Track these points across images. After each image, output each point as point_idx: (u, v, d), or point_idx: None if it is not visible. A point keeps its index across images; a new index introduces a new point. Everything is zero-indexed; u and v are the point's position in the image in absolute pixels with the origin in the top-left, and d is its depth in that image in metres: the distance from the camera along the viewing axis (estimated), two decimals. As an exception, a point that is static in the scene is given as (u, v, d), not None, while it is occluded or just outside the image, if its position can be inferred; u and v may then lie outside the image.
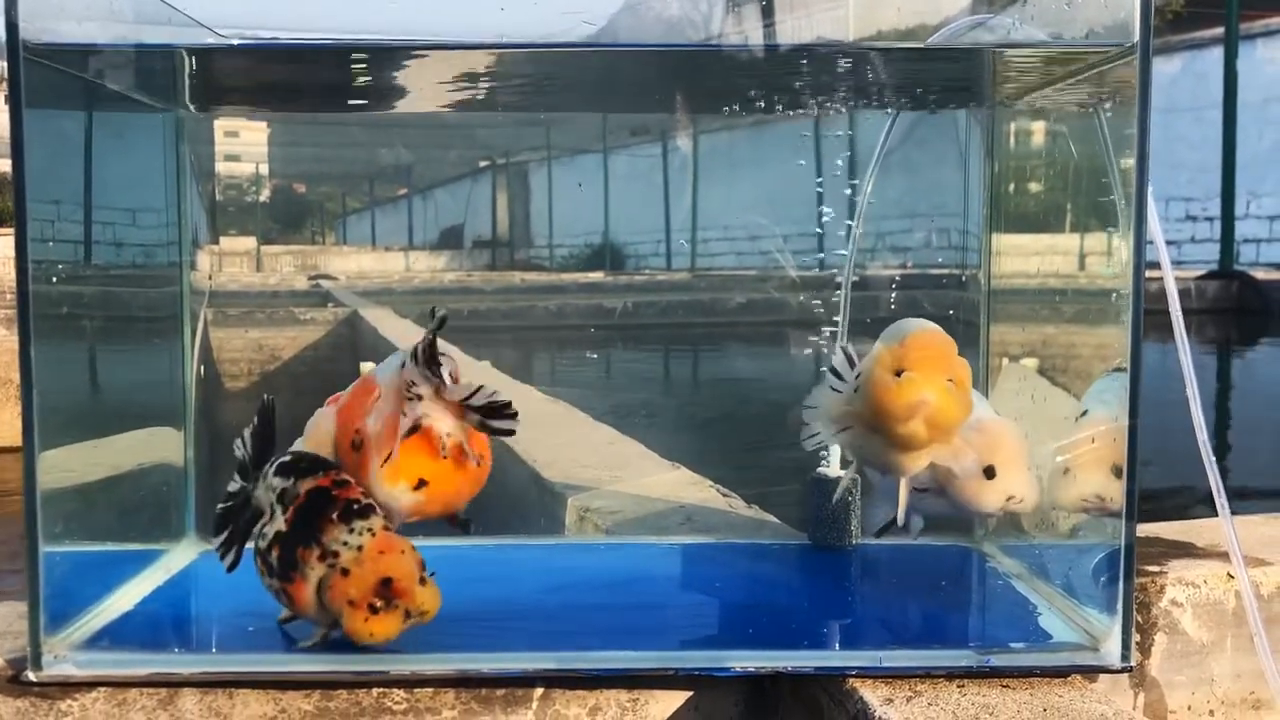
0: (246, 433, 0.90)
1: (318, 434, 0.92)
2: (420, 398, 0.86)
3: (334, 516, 0.83)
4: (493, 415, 0.86)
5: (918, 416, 0.85)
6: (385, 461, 0.86)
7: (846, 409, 0.91)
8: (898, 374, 0.86)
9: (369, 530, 0.82)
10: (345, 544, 0.82)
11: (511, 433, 0.86)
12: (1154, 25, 0.83)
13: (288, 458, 0.88)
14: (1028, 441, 0.96)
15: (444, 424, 0.86)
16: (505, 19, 0.94)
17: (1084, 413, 0.94)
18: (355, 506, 0.83)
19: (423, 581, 0.82)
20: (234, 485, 0.90)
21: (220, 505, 0.90)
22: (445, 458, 0.86)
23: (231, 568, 0.90)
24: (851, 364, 0.98)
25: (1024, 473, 0.93)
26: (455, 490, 0.88)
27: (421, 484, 0.86)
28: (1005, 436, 0.94)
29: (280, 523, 0.84)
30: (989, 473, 0.92)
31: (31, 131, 0.80)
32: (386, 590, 0.80)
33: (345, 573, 0.81)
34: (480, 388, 0.86)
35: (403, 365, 0.88)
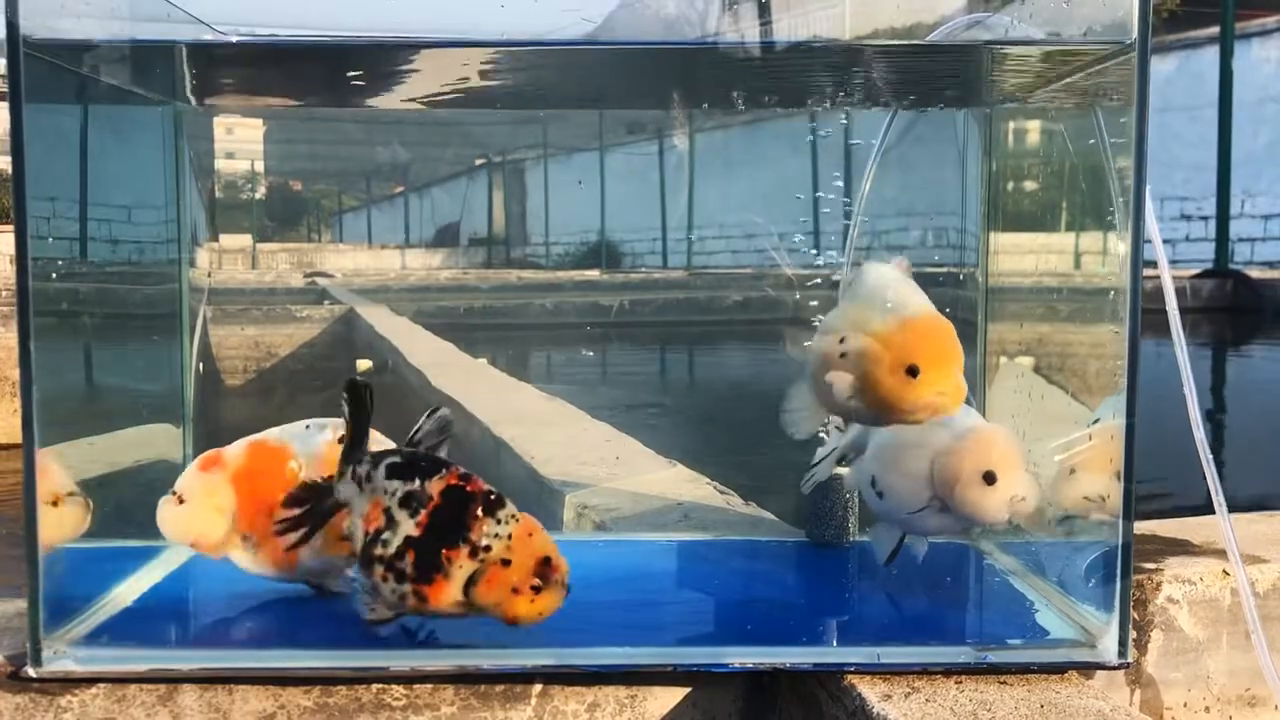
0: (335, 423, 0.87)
1: (206, 503, 0.90)
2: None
3: (478, 512, 0.82)
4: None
5: (932, 411, 0.87)
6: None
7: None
8: (909, 370, 0.86)
9: (512, 518, 0.83)
10: (496, 536, 0.82)
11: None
12: (1152, 24, 0.84)
13: (399, 459, 0.85)
14: (1021, 443, 0.96)
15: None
16: (505, 16, 0.94)
17: (1095, 420, 0.94)
18: (492, 497, 0.83)
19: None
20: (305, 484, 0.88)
21: (292, 490, 0.87)
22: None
23: (291, 547, 0.87)
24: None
25: (1023, 473, 0.93)
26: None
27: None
28: (998, 440, 0.94)
29: (410, 527, 0.82)
30: (989, 478, 0.91)
31: (31, 127, 0.80)
32: (545, 569, 0.82)
33: (506, 563, 0.82)
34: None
35: (341, 440, 0.88)
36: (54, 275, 0.88)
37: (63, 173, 0.92)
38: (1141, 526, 1.14)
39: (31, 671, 0.82)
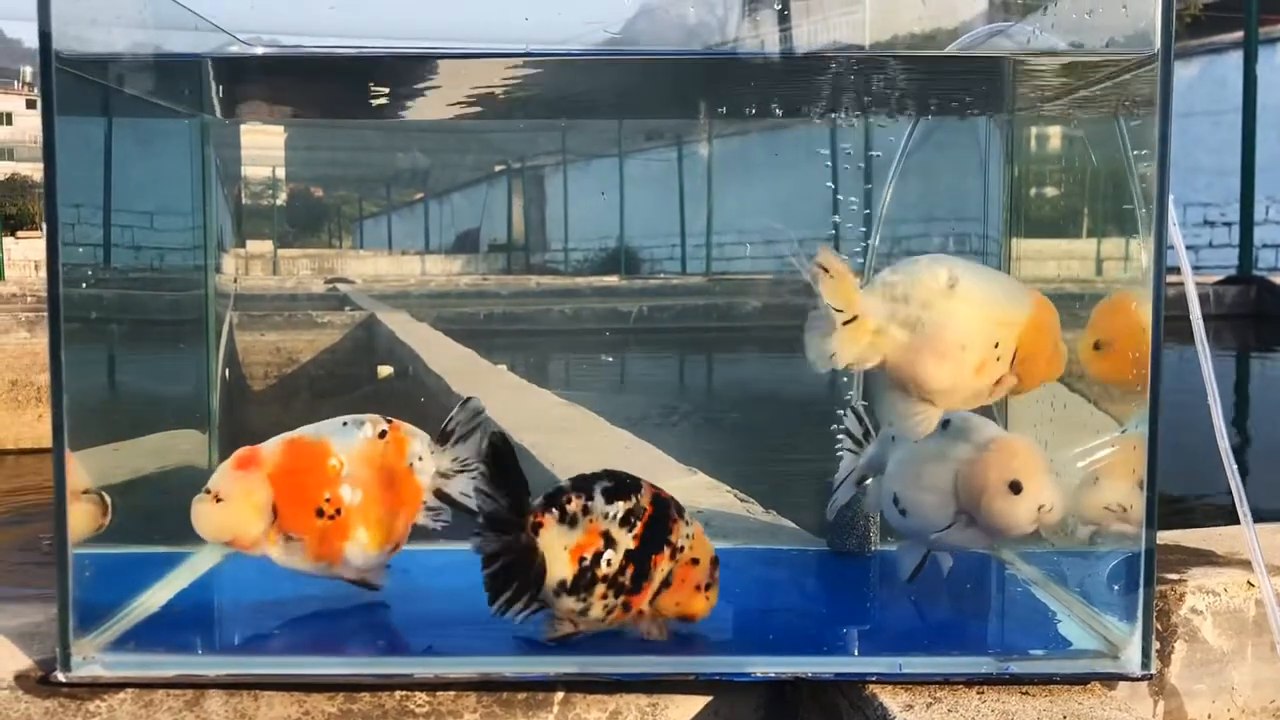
0: (483, 486, 0.84)
1: (245, 501, 0.90)
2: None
3: (675, 515, 0.88)
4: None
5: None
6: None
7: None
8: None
9: (691, 520, 0.90)
10: (688, 536, 0.88)
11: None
12: (1174, 32, 0.83)
13: (609, 483, 0.87)
14: (1044, 452, 0.96)
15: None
16: (528, 27, 0.94)
17: (1123, 430, 0.94)
18: (676, 501, 0.89)
19: None
20: (494, 544, 0.84)
21: (491, 568, 0.84)
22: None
23: (517, 618, 0.85)
24: (863, 425, 1.00)
25: (1049, 482, 0.92)
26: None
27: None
28: (1023, 450, 0.93)
29: (629, 542, 0.86)
30: (1015, 488, 0.90)
31: (62, 138, 0.82)
32: (715, 568, 0.90)
33: (695, 562, 0.88)
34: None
35: (381, 435, 0.94)
36: (84, 283, 0.89)
37: (92, 182, 0.93)
38: (1164, 536, 1.13)
39: (60, 676, 0.83)
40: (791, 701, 0.89)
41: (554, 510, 0.86)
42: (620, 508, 0.86)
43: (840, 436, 1.15)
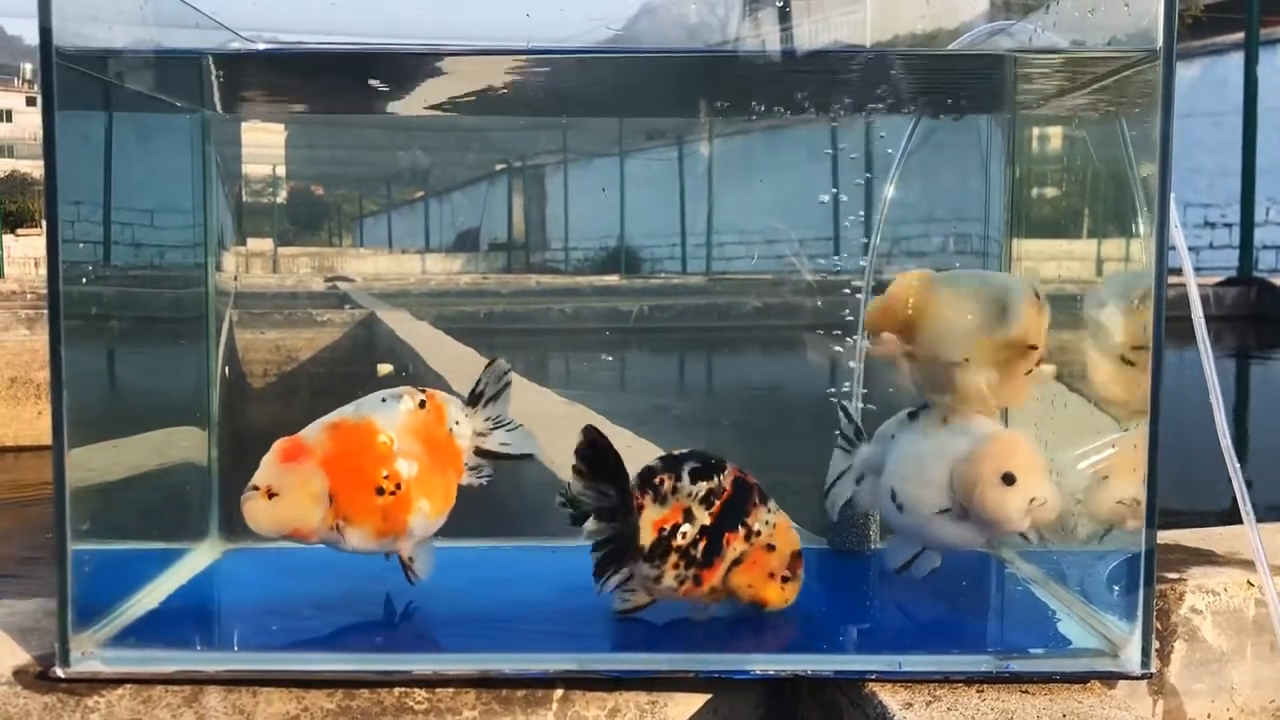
0: (583, 484, 0.89)
1: (303, 492, 0.89)
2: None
3: (755, 500, 0.92)
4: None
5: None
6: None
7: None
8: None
9: (776, 509, 0.93)
10: (767, 523, 0.92)
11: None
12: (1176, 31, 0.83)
13: (697, 464, 0.92)
14: (1042, 450, 0.96)
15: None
16: (530, 24, 0.94)
17: (1126, 429, 0.94)
18: (762, 489, 0.93)
19: None
20: (603, 531, 0.90)
21: (597, 547, 0.90)
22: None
23: (609, 591, 0.92)
24: (853, 424, 1.03)
25: (1044, 477, 0.92)
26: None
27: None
28: (1018, 444, 0.94)
29: (705, 518, 0.90)
30: (1008, 479, 0.91)
31: (62, 135, 0.81)
32: (796, 561, 0.93)
33: (771, 548, 0.91)
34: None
35: (421, 405, 0.95)
36: (83, 280, 0.89)
37: (92, 179, 0.93)
38: (1164, 536, 1.13)
39: (59, 672, 0.83)
40: (791, 699, 0.89)
41: (649, 491, 0.91)
42: (703, 487, 0.91)
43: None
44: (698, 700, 0.86)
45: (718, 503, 0.91)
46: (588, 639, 0.91)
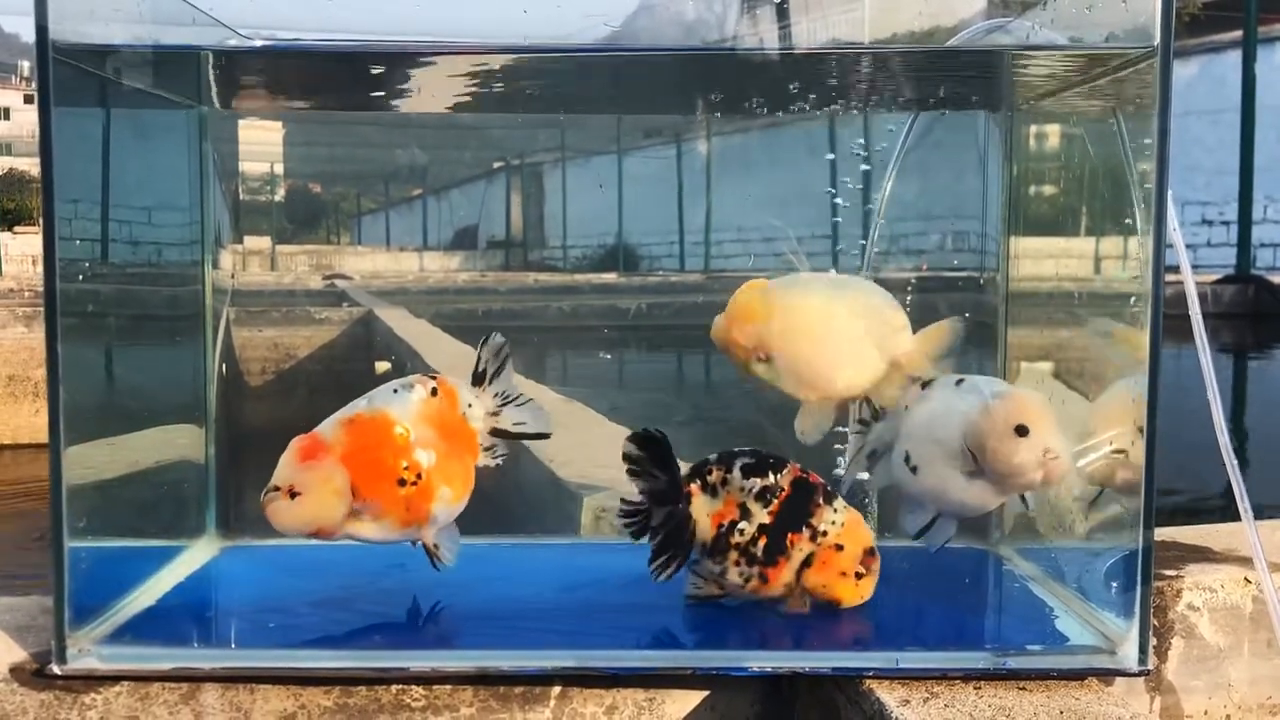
0: (642, 468, 0.93)
1: (325, 489, 0.89)
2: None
3: (820, 500, 0.93)
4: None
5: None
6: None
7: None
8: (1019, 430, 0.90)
9: (845, 508, 0.93)
10: (833, 523, 0.92)
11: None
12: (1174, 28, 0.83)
13: (750, 460, 0.93)
14: (1053, 407, 0.95)
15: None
16: (527, 21, 0.94)
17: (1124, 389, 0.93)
18: (828, 489, 0.93)
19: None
20: (658, 516, 0.93)
21: (652, 535, 0.94)
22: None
23: (667, 579, 0.94)
24: (871, 407, 1.03)
25: (1056, 429, 0.92)
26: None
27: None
28: (1031, 399, 0.94)
29: (764, 516, 0.92)
30: (1020, 431, 0.90)
31: (59, 131, 0.81)
32: (869, 558, 0.93)
33: (840, 548, 0.92)
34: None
35: (433, 393, 0.95)
36: (80, 277, 0.89)
37: (89, 176, 0.93)
38: (1162, 533, 1.13)
39: (56, 669, 0.83)
40: (788, 696, 0.89)
41: (698, 480, 0.94)
42: (756, 483, 0.92)
43: (841, 428, 1.15)
44: (695, 697, 0.86)
45: (775, 501, 0.92)
46: (585, 636, 0.91)
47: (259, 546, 1.13)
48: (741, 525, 0.92)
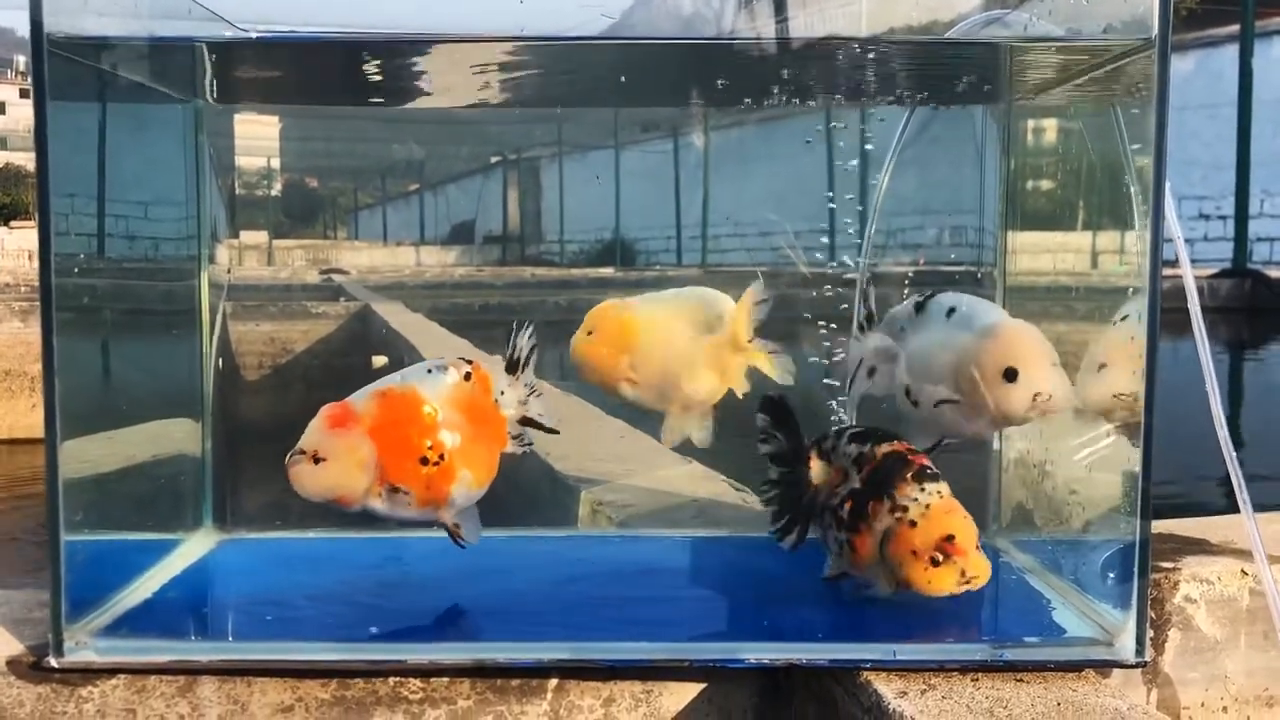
0: (766, 426, 0.97)
1: (350, 459, 0.89)
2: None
3: (908, 475, 0.90)
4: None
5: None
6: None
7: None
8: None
9: (938, 493, 0.90)
10: (915, 500, 0.89)
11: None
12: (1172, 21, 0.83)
13: (859, 429, 0.95)
14: (1048, 343, 0.94)
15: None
16: (524, 12, 0.94)
17: (1124, 316, 0.93)
18: (927, 471, 0.91)
19: (979, 548, 0.88)
20: (774, 474, 0.98)
21: (769, 496, 0.97)
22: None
23: (793, 547, 0.97)
24: (866, 307, 1.05)
25: (1049, 369, 0.91)
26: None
27: None
28: (1023, 337, 0.93)
29: (855, 481, 0.92)
30: (1009, 375, 0.90)
31: (54, 125, 0.81)
32: (948, 545, 0.87)
33: (913, 525, 0.88)
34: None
35: (466, 377, 0.96)
36: (76, 271, 0.89)
37: (84, 170, 0.93)
38: (1159, 525, 1.13)
39: (53, 662, 0.83)
40: (786, 688, 0.89)
41: (816, 446, 0.96)
42: (855, 449, 0.93)
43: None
44: (693, 689, 0.86)
45: (866, 468, 0.91)
46: (583, 628, 0.91)
47: (255, 539, 1.13)
48: (839, 489, 0.93)
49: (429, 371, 0.94)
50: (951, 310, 0.97)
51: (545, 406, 1.00)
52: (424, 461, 0.91)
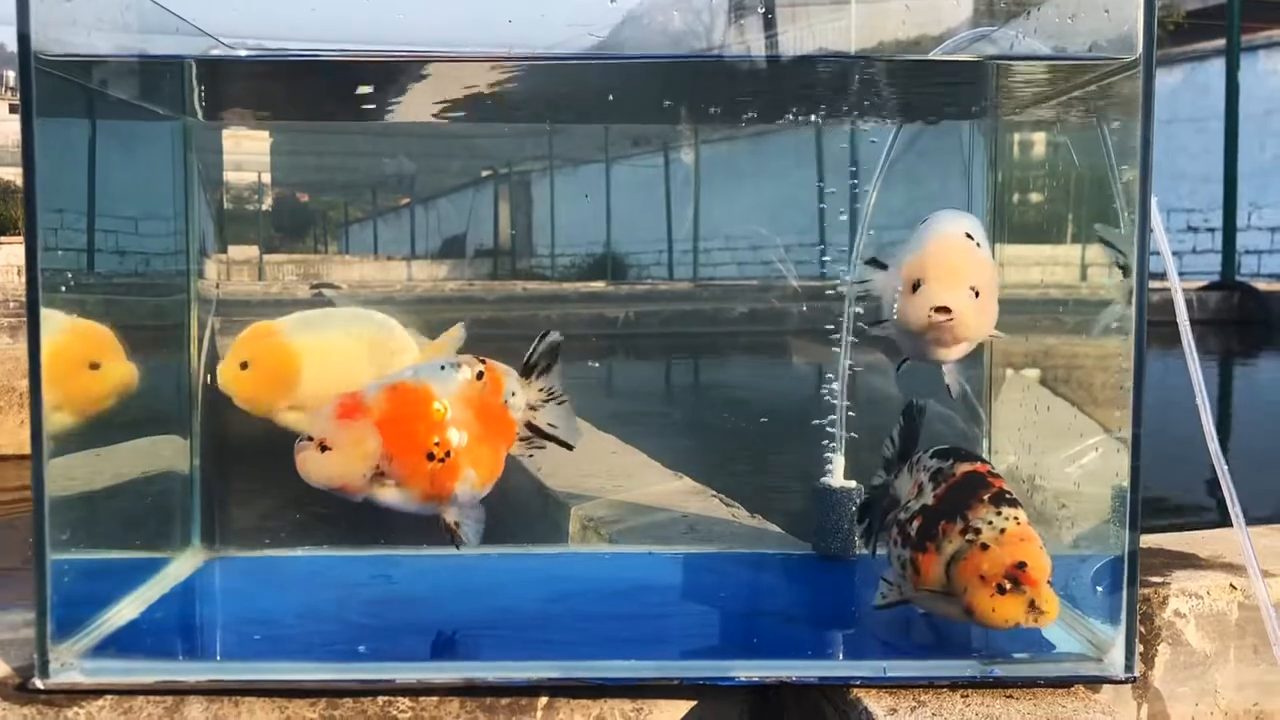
0: (894, 432, 0.97)
1: (356, 450, 0.90)
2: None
3: (985, 497, 0.86)
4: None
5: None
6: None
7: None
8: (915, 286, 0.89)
9: (1015, 519, 0.85)
10: (990, 523, 0.85)
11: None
12: (1156, 38, 0.84)
13: (944, 447, 0.93)
14: (978, 265, 0.93)
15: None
16: (511, 31, 0.94)
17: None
18: (1006, 495, 0.87)
19: (1049, 583, 0.84)
20: (878, 480, 0.98)
21: (864, 497, 0.98)
22: None
23: (867, 548, 0.98)
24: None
25: (955, 287, 0.90)
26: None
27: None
28: (940, 253, 0.92)
29: (929, 498, 0.89)
30: (915, 286, 0.90)
31: (42, 141, 0.81)
32: (1018, 574, 0.82)
33: (984, 548, 0.84)
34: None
35: (479, 376, 0.96)
36: (64, 288, 0.89)
37: (73, 186, 0.93)
38: (1147, 540, 1.14)
39: (39, 683, 0.82)
40: (775, 705, 0.89)
41: (907, 460, 0.95)
42: (933, 464, 0.90)
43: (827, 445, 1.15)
44: (683, 707, 0.86)
45: (943, 486, 0.88)
46: (572, 646, 0.91)
47: (243, 558, 1.12)
48: (910, 503, 0.90)
49: (442, 368, 0.95)
50: (926, 220, 0.97)
51: (561, 416, 1.00)
52: (430, 457, 0.91)
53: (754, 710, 0.88)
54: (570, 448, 1.01)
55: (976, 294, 0.91)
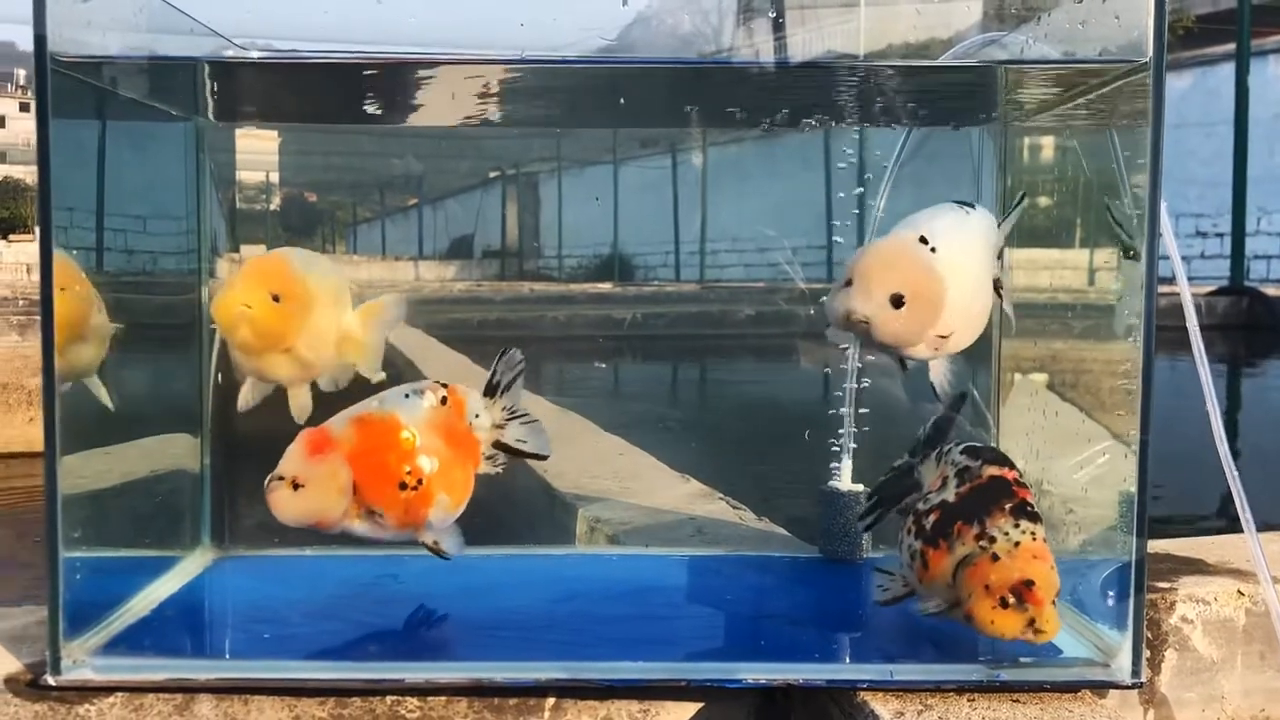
0: (931, 419, 0.96)
1: (329, 485, 0.90)
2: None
3: (1007, 507, 0.85)
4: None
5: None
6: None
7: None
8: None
9: (1031, 534, 0.84)
10: (1006, 534, 0.84)
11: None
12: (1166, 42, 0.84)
13: (977, 444, 0.92)
14: (915, 271, 0.89)
15: None
16: (523, 34, 0.95)
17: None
18: (1028, 508, 0.85)
19: (1053, 603, 0.82)
20: (900, 460, 0.97)
21: (884, 475, 0.98)
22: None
23: (868, 528, 0.99)
24: None
25: (867, 292, 0.87)
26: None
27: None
28: (870, 254, 0.90)
29: (950, 494, 0.88)
30: (847, 283, 0.88)
31: (56, 141, 0.81)
32: (1024, 591, 0.81)
33: (995, 559, 0.83)
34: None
35: (443, 401, 0.96)
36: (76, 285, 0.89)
37: (85, 185, 0.93)
38: (1155, 545, 1.14)
39: (50, 680, 0.82)
40: (783, 708, 0.89)
41: (934, 450, 0.94)
42: (962, 460, 0.89)
43: (834, 443, 1.15)
44: (689, 709, 0.86)
45: (966, 485, 0.87)
46: (580, 647, 0.91)
47: (254, 557, 1.13)
48: (931, 495, 0.89)
49: (406, 396, 0.95)
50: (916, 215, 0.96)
51: (529, 431, 1.00)
52: (402, 486, 0.92)
53: (761, 712, 0.89)
54: (544, 459, 1.02)
55: (900, 301, 0.87)
